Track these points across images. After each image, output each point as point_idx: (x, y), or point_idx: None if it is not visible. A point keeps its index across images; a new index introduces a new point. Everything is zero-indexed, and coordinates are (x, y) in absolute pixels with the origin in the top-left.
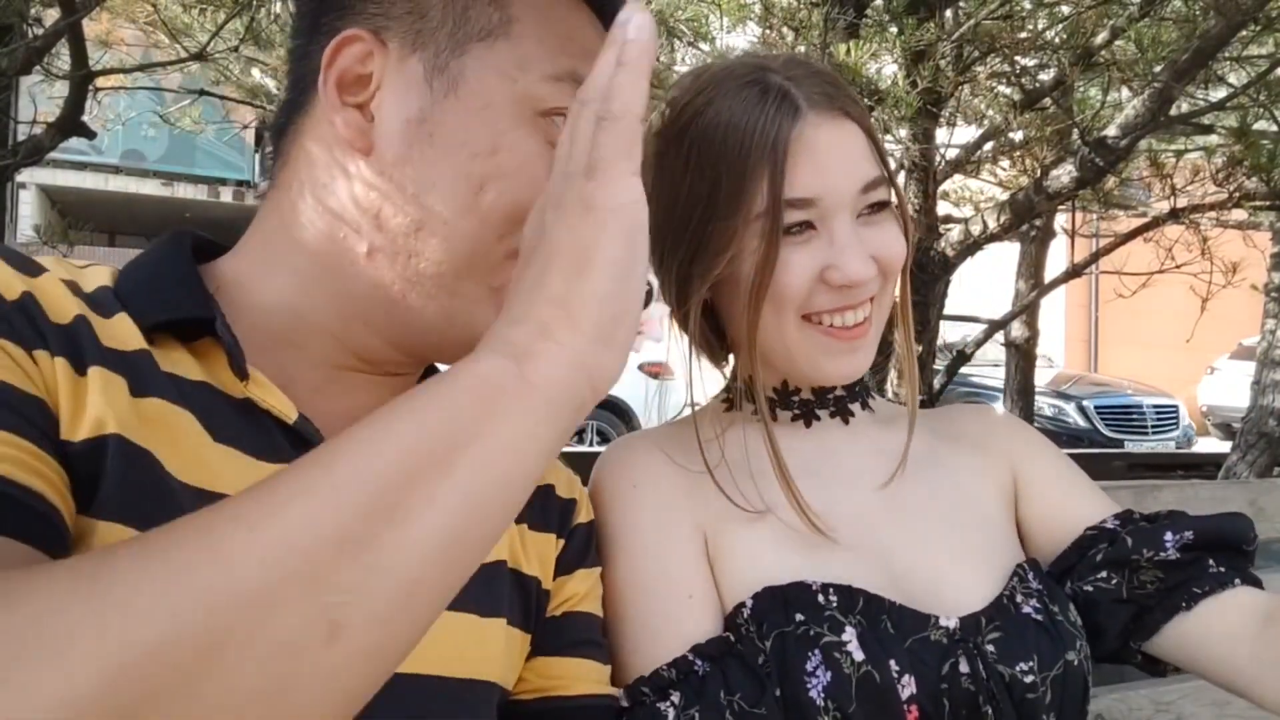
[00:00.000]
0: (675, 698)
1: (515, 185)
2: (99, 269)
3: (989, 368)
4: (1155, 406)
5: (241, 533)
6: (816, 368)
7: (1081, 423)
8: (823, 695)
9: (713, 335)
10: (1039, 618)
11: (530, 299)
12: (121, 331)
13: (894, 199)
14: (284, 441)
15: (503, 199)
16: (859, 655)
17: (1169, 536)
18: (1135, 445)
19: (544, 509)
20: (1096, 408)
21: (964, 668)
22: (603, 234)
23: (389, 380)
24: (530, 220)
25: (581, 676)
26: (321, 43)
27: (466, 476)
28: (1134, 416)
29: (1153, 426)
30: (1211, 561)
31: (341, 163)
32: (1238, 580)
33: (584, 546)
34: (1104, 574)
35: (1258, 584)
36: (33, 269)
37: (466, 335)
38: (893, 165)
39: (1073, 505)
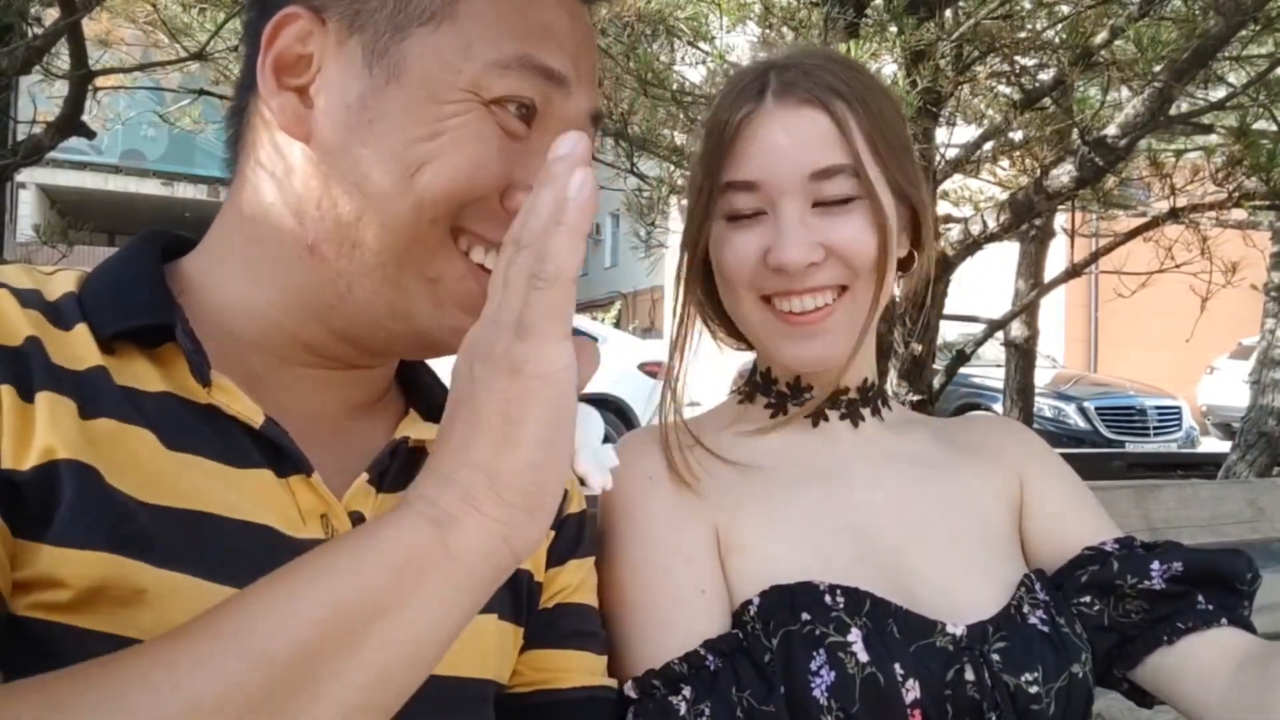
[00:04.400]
0: (687, 692)
1: (453, 165)
2: (67, 274)
3: (989, 368)
4: (1157, 407)
5: (147, 696)
6: (777, 351)
7: (1082, 424)
8: (826, 695)
9: (719, 322)
10: (1045, 629)
11: (458, 459)
12: (77, 347)
13: (865, 193)
14: (251, 446)
15: (439, 180)
16: (864, 657)
17: (1156, 566)
18: (1137, 447)
19: None
20: (1097, 409)
21: (969, 675)
22: (531, 403)
23: (357, 374)
24: (459, 366)
25: (576, 668)
26: (266, 19)
27: (377, 652)
28: (1135, 417)
29: (1155, 428)
30: (1201, 598)
31: (283, 150)
32: (1224, 620)
33: (575, 537)
34: (1087, 599)
35: (1248, 626)
36: None
37: (407, 329)
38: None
39: (1074, 525)
